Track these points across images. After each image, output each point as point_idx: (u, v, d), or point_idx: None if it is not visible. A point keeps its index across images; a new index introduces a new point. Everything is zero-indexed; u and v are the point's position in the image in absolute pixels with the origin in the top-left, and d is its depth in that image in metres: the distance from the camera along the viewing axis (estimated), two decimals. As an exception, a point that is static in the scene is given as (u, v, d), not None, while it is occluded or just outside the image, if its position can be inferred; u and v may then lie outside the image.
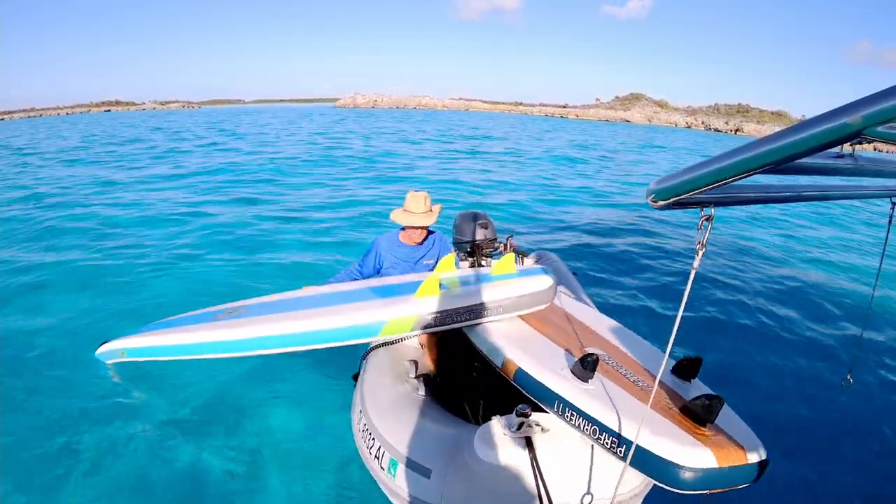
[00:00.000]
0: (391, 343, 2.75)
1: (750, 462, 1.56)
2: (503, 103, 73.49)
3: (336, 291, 2.93)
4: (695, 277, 1.22)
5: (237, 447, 2.81)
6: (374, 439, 2.18)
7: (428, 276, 2.62)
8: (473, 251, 3.33)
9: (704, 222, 1.20)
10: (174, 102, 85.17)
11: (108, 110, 74.95)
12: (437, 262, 3.08)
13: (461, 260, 3.48)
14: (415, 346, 2.81)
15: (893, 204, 1.89)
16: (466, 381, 2.84)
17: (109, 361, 3.28)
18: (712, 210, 1.19)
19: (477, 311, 2.43)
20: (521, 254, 3.66)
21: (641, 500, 1.84)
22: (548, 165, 16.26)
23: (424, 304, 2.41)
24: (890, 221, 1.90)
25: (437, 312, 2.40)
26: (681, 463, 1.52)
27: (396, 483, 1.99)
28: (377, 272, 3.15)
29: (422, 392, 2.38)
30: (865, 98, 0.79)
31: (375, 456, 2.14)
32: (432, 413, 2.23)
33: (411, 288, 2.56)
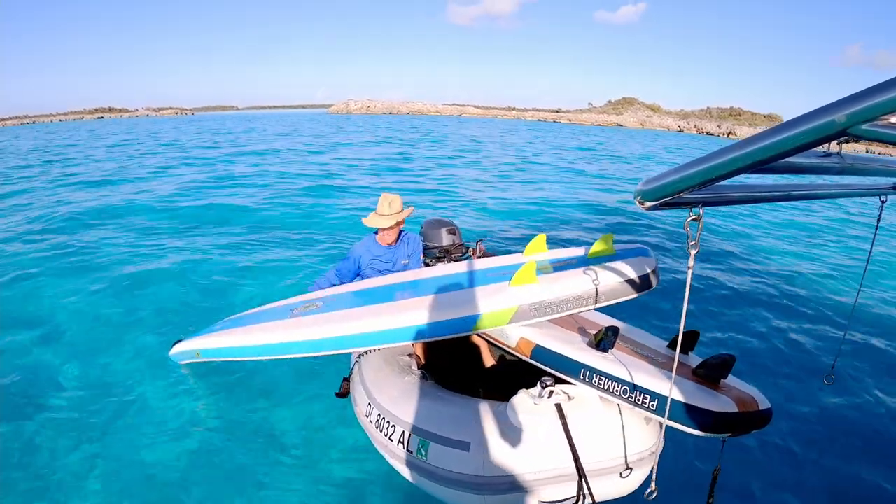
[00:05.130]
0: None
1: (761, 409, 1.77)
2: (496, 108, 73.73)
3: (418, 279, 2.70)
4: (681, 274, 1.22)
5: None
6: (393, 426, 2.21)
7: (525, 259, 2.41)
8: (443, 257, 3.35)
9: (692, 222, 1.20)
10: (168, 109, 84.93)
11: (102, 117, 74.58)
12: (411, 261, 3.08)
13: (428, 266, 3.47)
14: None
15: (882, 202, 1.90)
16: (466, 370, 2.85)
17: (183, 362, 3.05)
18: (701, 210, 1.19)
19: (581, 299, 2.12)
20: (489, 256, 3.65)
21: (659, 456, 1.97)
22: (534, 165, 16.33)
23: (524, 294, 2.12)
24: (878, 220, 1.92)
25: (538, 302, 2.12)
26: (709, 408, 1.72)
27: (430, 462, 2.06)
28: (356, 277, 3.15)
29: (429, 381, 2.40)
30: (850, 96, 0.80)
31: (399, 441, 2.18)
32: (448, 396, 2.26)
33: (501, 275, 2.38)
